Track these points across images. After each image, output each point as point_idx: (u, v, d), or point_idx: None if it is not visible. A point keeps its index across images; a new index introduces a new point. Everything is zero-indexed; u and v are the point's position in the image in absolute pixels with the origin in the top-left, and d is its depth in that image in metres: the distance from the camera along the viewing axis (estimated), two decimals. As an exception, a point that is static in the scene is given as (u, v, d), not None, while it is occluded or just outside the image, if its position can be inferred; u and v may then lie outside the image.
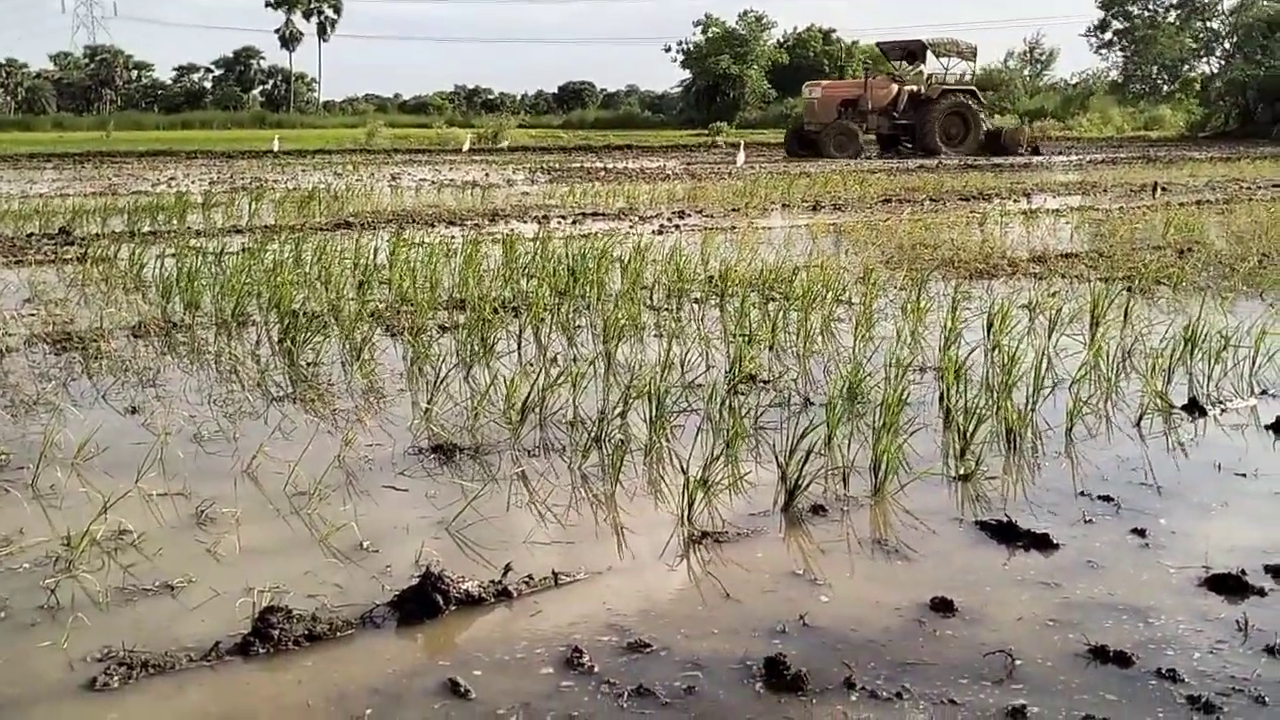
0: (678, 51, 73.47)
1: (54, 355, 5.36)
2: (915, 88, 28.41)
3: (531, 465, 3.82)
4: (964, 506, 3.45)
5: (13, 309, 6.46)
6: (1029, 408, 4.20)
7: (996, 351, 5.15)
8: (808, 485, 3.44)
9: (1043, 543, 3.12)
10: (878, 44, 31.73)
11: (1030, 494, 3.57)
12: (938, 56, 29.19)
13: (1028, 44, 68.78)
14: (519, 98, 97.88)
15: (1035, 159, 26.24)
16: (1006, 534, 3.19)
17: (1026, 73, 65.98)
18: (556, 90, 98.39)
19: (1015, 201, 14.08)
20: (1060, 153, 29.47)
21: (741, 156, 24.97)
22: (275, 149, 30.18)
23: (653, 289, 6.98)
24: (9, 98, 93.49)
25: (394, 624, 2.66)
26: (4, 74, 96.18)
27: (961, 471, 3.71)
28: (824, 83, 30.43)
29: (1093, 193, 15.38)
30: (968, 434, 3.89)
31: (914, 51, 29.58)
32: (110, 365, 5.14)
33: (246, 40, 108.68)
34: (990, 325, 5.51)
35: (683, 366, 4.92)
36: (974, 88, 29.30)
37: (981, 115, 28.58)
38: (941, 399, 4.49)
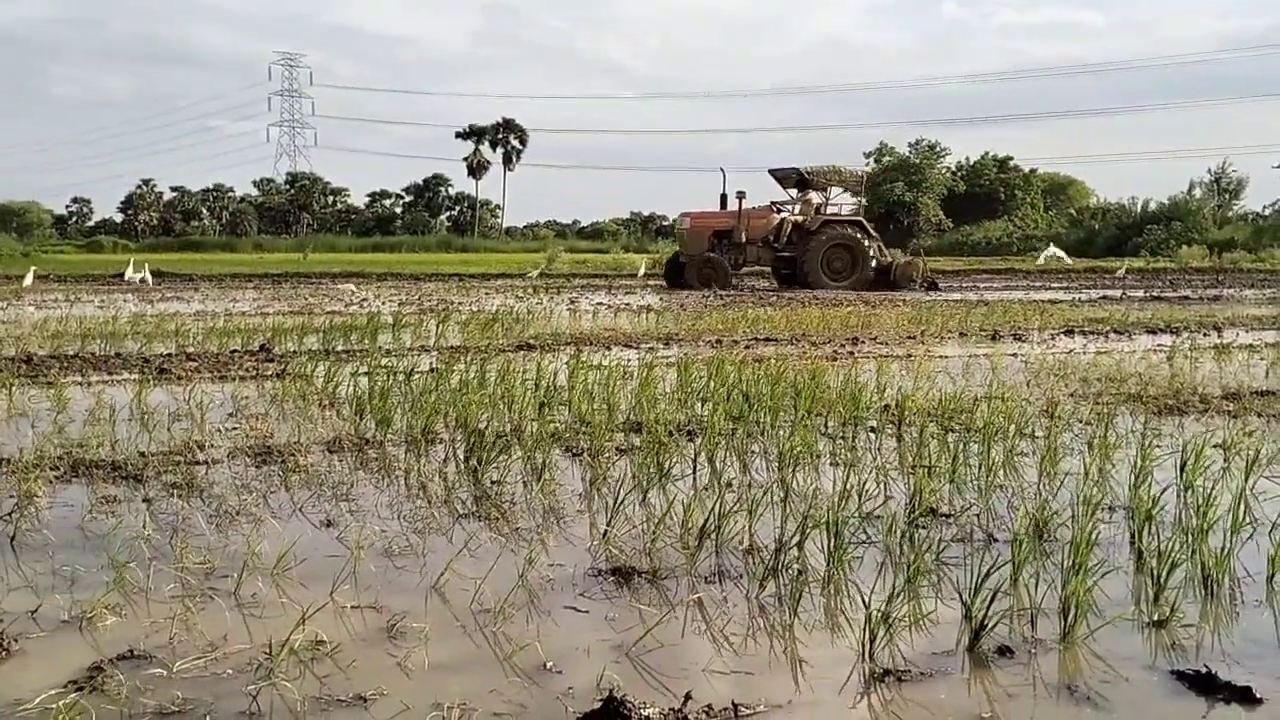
0: (851, 178, 74.02)
1: (255, 468, 5.64)
2: (800, 218, 26.38)
3: (708, 592, 3.84)
4: (1158, 654, 3.32)
5: (217, 422, 6.83)
6: (1225, 552, 4.04)
7: (1189, 492, 4.97)
8: (993, 625, 3.37)
9: (1245, 696, 2.97)
10: (770, 171, 28.68)
11: (1229, 644, 3.41)
12: (816, 187, 26.99)
13: (1212, 174, 66.84)
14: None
15: (931, 294, 23.67)
16: (1205, 685, 3.05)
17: (1214, 203, 64.03)
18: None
19: (1205, 335, 13.60)
20: (1251, 286, 28.24)
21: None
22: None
23: (827, 416, 6.96)
24: (215, 220, 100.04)
25: (576, 747, 2.69)
26: (211, 198, 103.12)
27: (1155, 617, 3.57)
28: (694, 212, 27.22)
29: (1289, 327, 14.75)
30: (1161, 578, 3.76)
31: (801, 180, 27.22)
32: (307, 479, 5.39)
33: (436, 168, 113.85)
34: (1183, 464, 5.31)
35: (860, 497, 4.88)
36: (861, 219, 26.78)
37: (870, 248, 25.95)
38: (1132, 540, 4.35)
